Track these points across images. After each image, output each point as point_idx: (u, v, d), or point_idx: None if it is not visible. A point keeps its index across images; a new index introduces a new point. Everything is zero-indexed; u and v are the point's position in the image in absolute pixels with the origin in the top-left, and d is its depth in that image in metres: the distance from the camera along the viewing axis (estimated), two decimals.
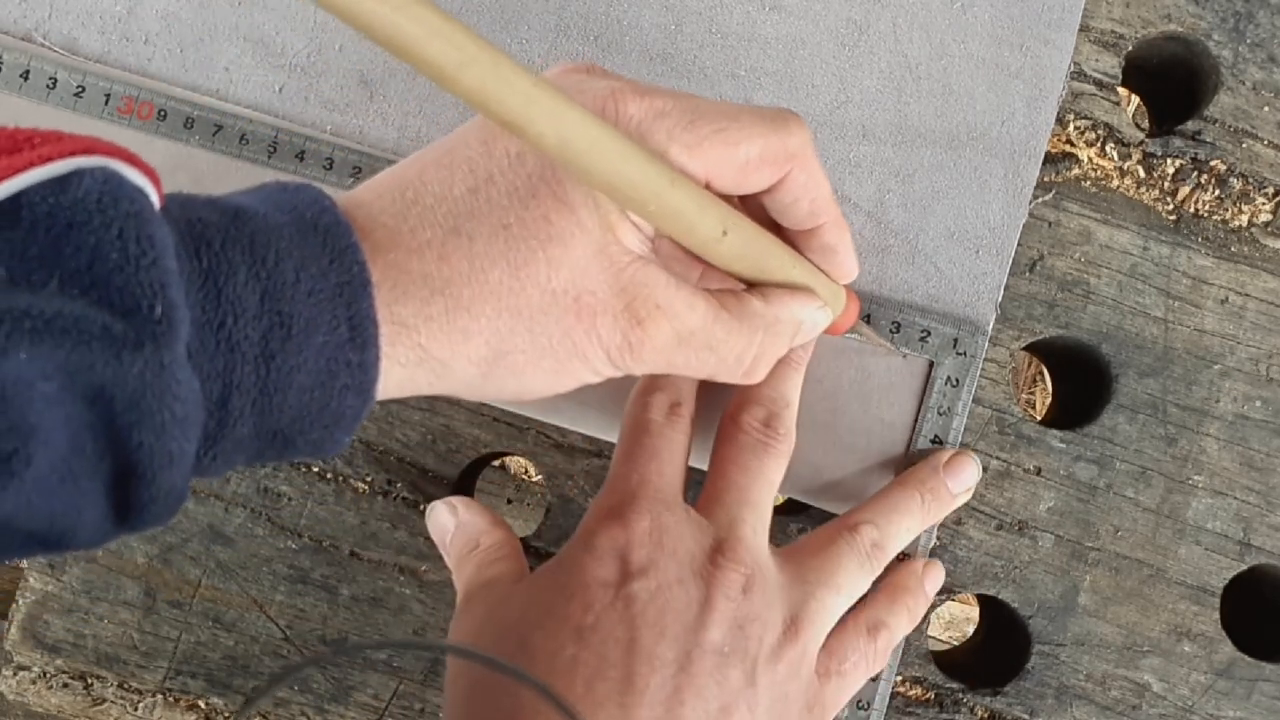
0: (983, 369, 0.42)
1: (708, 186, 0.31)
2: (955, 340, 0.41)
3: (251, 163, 0.42)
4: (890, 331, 0.41)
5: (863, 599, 0.38)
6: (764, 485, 0.37)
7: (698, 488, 0.43)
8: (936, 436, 0.41)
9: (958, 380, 0.41)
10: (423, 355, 0.29)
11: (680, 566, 0.34)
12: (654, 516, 0.35)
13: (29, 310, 0.22)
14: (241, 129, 0.42)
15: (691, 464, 0.42)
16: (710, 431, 0.39)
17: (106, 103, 0.41)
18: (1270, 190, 0.43)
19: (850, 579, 0.37)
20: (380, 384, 0.28)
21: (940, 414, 0.41)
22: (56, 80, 0.41)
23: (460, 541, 0.39)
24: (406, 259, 0.29)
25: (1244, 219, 0.43)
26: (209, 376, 0.26)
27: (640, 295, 0.30)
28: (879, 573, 0.38)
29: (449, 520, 0.39)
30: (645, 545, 0.34)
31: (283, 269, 0.27)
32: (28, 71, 0.41)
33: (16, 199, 0.24)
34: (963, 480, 0.40)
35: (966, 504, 0.43)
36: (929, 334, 0.41)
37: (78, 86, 0.41)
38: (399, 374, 0.29)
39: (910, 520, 0.39)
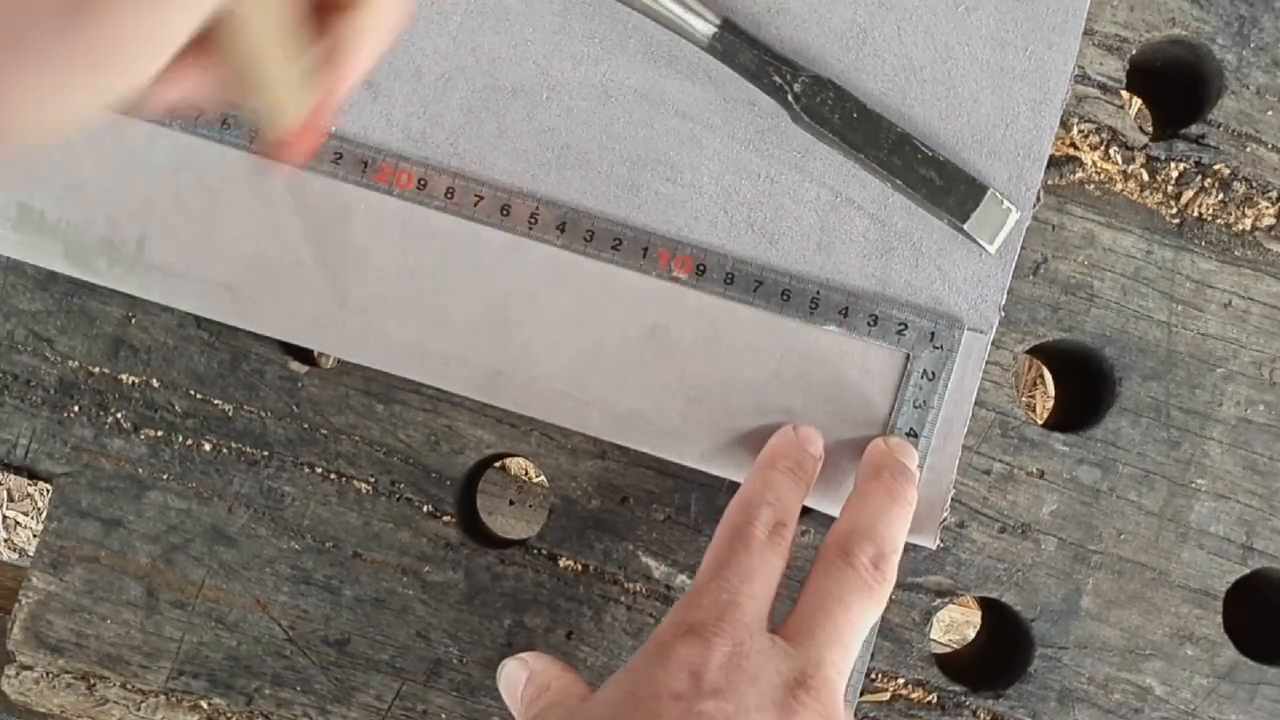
0: (985, 372, 0.42)
1: None
2: (932, 334, 0.41)
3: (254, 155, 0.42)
4: (868, 325, 0.41)
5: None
6: (860, 628, 0.35)
7: (701, 490, 0.43)
8: (912, 430, 0.41)
9: (934, 374, 0.41)
10: None
11: (760, 695, 0.33)
12: (736, 641, 0.34)
13: None
14: (246, 120, 0.42)
15: (691, 465, 0.42)
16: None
17: None
18: (1274, 194, 0.43)
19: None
20: None
21: (916, 407, 0.41)
22: None
23: (533, 689, 0.38)
24: None
25: (1247, 223, 0.43)
26: None
27: None
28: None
29: (521, 672, 0.39)
30: (724, 667, 0.33)
31: None
32: None
33: None
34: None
35: (969, 507, 0.43)
36: (906, 327, 0.41)
37: None
38: None
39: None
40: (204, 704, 0.44)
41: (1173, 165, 0.43)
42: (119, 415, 0.44)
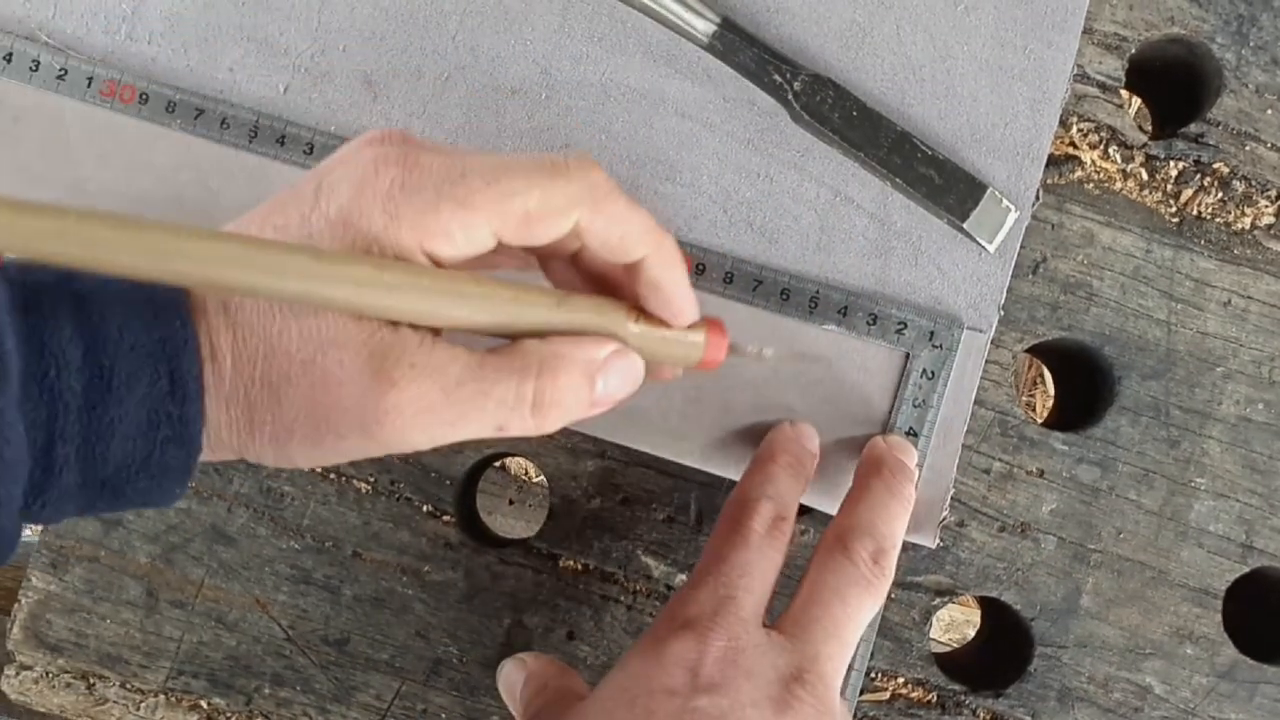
0: (985, 371, 0.42)
1: (500, 242, 0.30)
2: (931, 333, 0.41)
3: (261, 156, 0.42)
4: (867, 324, 0.41)
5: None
6: (858, 625, 0.35)
7: (701, 489, 0.43)
8: (911, 429, 0.41)
9: (933, 373, 0.41)
10: None
11: (756, 690, 0.33)
12: (732, 636, 0.34)
13: None
14: (246, 119, 0.42)
15: (691, 464, 0.42)
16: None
17: (89, 85, 0.42)
18: (1273, 193, 0.43)
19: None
20: (206, 436, 0.29)
21: (915, 406, 0.41)
22: (39, 62, 0.42)
23: (531, 689, 0.39)
24: None
25: (1246, 221, 0.43)
26: (33, 425, 0.27)
27: (391, 357, 0.29)
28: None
29: (519, 673, 0.39)
30: (720, 663, 0.33)
31: (107, 325, 0.28)
32: (10, 54, 0.42)
33: None
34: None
35: (968, 506, 0.43)
36: (905, 326, 0.41)
37: (60, 69, 0.42)
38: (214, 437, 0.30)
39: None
40: (203, 703, 0.44)
41: (1172, 164, 0.43)
42: None
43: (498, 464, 0.93)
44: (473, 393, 0.30)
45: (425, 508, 0.44)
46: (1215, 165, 0.43)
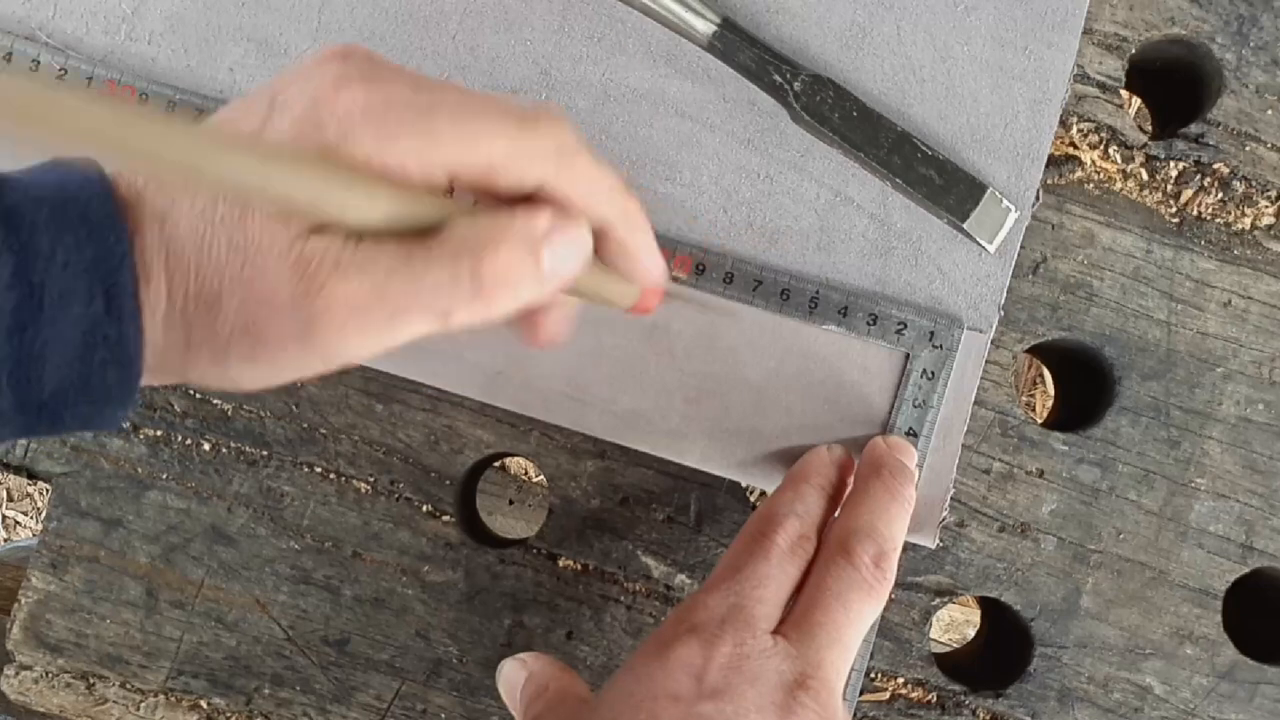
0: (985, 371, 0.42)
1: (454, 180, 0.29)
2: (932, 333, 0.41)
3: None
4: (867, 324, 0.41)
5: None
6: (860, 628, 0.35)
7: (701, 490, 0.43)
8: (911, 429, 0.41)
9: (933, 373, 0.41)
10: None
11: (760, 696, 0.33)
12: (737, 642, 0.34)
13: None
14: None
15: (691, 465, 0.42)
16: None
17: (89, 85, 0.42)
18: (1273, 193, 0.43)
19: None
20: (145, 359, 0.28)
21: (915, 406, 0.41)
22: (39, 62, 0.42)
23: (531, 689, 0.39)
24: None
25: (1247, 222, 0.43)
26: None
27: (315, 259, 0.27)
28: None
29: (519, 673, 0.39)
30: (724, 669, 0.33)
31: (37, 241, 0.26)
32: (10, 54, 0.42)
33: None
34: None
35: (968, 506, 0.43)
36: (905, 326, 0.41)
37: (60, 69, 0.42)
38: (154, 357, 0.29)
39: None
40: (203, 704, 0.44)
41: (1172, 164, 0.43)
42: None
43: (498, 464, 0.93)
44: (405, 281, 0.28)
45: (425, 508, 0.44)
46: (1215, 165, 0.43)
